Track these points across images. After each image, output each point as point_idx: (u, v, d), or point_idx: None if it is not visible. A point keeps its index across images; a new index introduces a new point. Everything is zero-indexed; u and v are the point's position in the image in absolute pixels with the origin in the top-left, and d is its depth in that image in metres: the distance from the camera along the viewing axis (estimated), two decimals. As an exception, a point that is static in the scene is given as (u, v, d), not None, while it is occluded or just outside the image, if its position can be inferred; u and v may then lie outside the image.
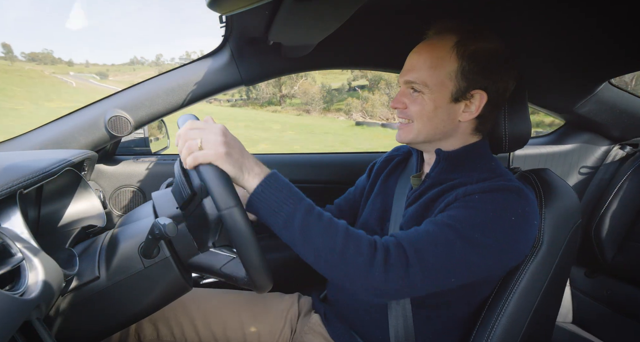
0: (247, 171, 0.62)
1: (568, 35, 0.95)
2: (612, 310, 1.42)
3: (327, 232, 0.62)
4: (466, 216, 0.67)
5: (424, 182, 0.82)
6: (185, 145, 0.61)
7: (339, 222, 0.64)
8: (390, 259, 0.62)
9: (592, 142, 1.52)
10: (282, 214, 0.61)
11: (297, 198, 0.63)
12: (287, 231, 0.62)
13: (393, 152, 1.02)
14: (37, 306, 0.47)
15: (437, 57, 0.74)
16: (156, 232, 0.60)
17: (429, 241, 0.65)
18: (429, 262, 0.63)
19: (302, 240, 0.62)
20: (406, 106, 0.78)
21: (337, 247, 0.61)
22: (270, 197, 0.62)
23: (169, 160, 1.37)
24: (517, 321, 0.74)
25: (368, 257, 0.62)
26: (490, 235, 0.65)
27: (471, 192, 0.70)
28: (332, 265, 0.62)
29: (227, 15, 0.79)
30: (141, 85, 1.15)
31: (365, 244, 0.63)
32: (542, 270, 0.75)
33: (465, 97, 0.74)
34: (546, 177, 0.82)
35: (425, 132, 0.78)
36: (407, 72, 0.77)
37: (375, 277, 0.61)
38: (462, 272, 0.65)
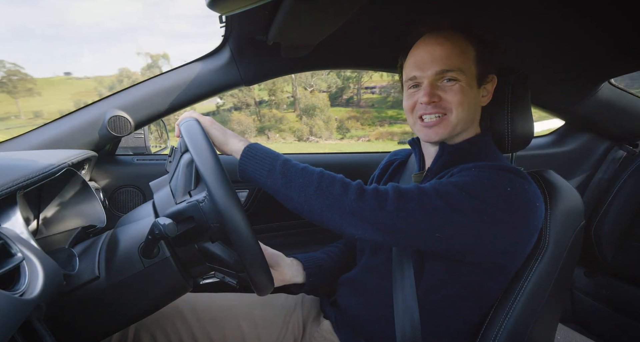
0: (232, 138, 0.76)
1: (568, 35, 0.95)
2: (612, 310, 1.42)
3: (304, 173, 0.70)
4: (459, 180, 0.68)
5: (426, 176, 0.82)
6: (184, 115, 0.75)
7: (317, 168, 0.72)
8: (365, 194, 0.67)
9: (592, 142, 1.52)
10: (266, 164, 0.71)
11: (277, 154, 0.73)
12: (271, 178, 0.70)
13: (391, 156, 1.02)
14: (37, 306, 0.47)
15: (460, 44, 0.75)
16: (156, 232, 0.60)
17: (415, 192, 0.67)
18: (408, 205, 0.65)
19: (283, 183, 0.69)
20: (440, 98, 0.75)
21: (314, 182, 0.68)
22: (255, 154, 0.72)
23: None
24: (524, 322, 0.74)
25: (341, 190, 0.67)
26: (479, 197, 0.65)
27: (468, 167, 0.72)
28: (310, 198, 0.68)
29: (227, 15, 0.79)
30: (141, 85, 1.15)
31: (339, 181, 0.69)
32: (549, 271, 0.75)
33: (485, 81, 0.78)
34: (550, 178, 0.82)
35: (463, 122, 0.77)
36: (434, 62, 0.74)
37: (350, 202, 0.65)
38: (448, 230, 0.65)
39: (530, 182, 0.70)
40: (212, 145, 0.66)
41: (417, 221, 0.64)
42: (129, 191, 1.30)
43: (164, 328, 0.84)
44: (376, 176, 1.01)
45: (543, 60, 1.12)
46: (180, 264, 0.70)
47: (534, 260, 0.75)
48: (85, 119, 1.10)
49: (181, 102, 1.15)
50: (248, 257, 0.60)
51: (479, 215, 0.64)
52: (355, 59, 1.24)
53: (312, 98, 22.16)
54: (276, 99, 22.63)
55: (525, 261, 0.76)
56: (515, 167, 0.73)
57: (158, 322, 0.83)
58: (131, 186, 1.30)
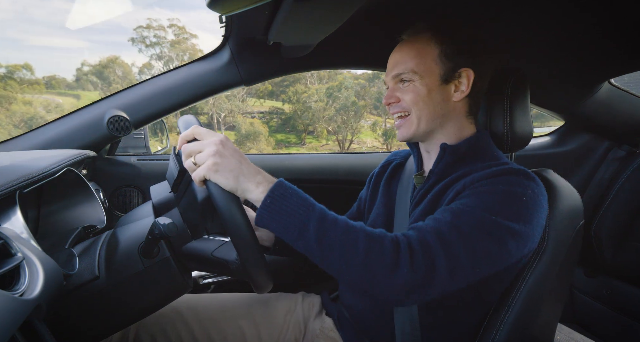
0: (246, 180, 0.60)
1: (568, 35, 0.95)
2: (612, 310, 1.42)
3: (346, 237, 0.58)
4: (478, 201, 0.66)
5: (429, 178, 0.81)
6: (185, 163, 0.62)
7: (356, 224, 0.61)
8: (415, 254, 0.59)
9: (592, 142, 1.52)
10: (295, 223, 0.58)
11: (309, 204, 0.60)
12: (302, 240, 0.58)
13: (390, 157, 1.03)
14: (37, 306, 0.47)
15: (418, 48, 0.79)
16: (156, 232, 0.60)
17: (453, 229, 0.62)
18: (455, 249, 0.61)
19: (319, 249, 0.58)
20: (399, 99, 0.80)
21: (360, 250, 0.58)
22: (280, 207, 0.58)
23: (169, 160, 1.37)
24: (523, 321, 0.74)
25: (393, 256, 0.58)
26: (504, 216, 0.64)
27: (479, 178, 0.70)
28: (355, 270, 0.58)
29: (227, 15, 0.79)
30: (141, 86, 1.15)
31: (388, 242, 0.60)
32: (548, 271, 0.75)
33: (454, 77, 0.79)
34: (550, 177, 0.82)
35: (424, 119, 0.79)
36: (392, 68, 0.81)
37: (403, 275, 0.58)
38: (484, 260, 0.63)
39: (538, 183, 0.70)
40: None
41: (465, 263, 0.61)
42: (129, 191, 1.30)
43: (164, 329, 0.83)
44: (376, 173, 1.01)
45: (543, 60, 1.12)
46: (180, 264, 0.70)
47: (534, 259, 0.75)
48: (85, 119, 1.10)
49: (181, 102, 1.15)
50: (247, 255, 0.60)
51: (510, 236, 0.64)
52: (355, 59, 1.24)
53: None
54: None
55: (525, 263, 0.76)
56: (520, 167, 0.73)
57: (158, 324, 0.83)
58: (131, 186, 1.30)
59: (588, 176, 1.54)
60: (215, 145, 0.60)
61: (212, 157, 0.59)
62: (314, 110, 26.52)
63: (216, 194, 0.59)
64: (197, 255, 0.72)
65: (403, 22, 0.93)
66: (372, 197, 0.98)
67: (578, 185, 1.53)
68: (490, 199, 0.66)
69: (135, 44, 32.06)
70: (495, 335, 0.73)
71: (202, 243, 0.73)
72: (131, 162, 1.32)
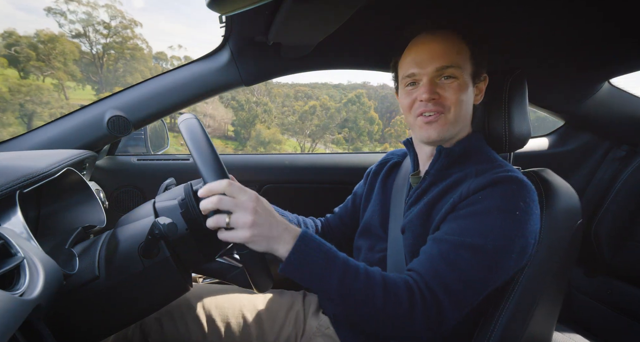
0: (276, 243, 0.61)
1: (568, 35, 0.95)
2: (612, 310, 1.42)
3: (366, 289, 0.62)
4: (473, 224, 0.68)
5: (425, 179, 0.81)
6: (214, 218, 0.60)
7: (375, 274, 0.64)
8: (426, 302, 0.63)
9: (591, 142, 1.52)
10: (318, 277, 0.61)
11: (331, 258, 0.62)
12: (324, 293, 0.62)
13: (388, 155, 1.03)
14: (37, 306, 0.47)
15: (455, 43, 0.76)
16: (156, 232, 0.60)
17: (449, 268, 0.65)
18: (455, 290, 0.64)
19: (340, 300, 0.62)
20: (439, 96, 0.75)
21: (378, 302, 0.61)
22: (303, 264, 0.61)
23: (169, 160, 1.37)
24: (519, 320, 0.74)
25: (409, 306, 0.62)
26: (500, 236, 0.66)
27: (473, 190, 0.70)
28: (374, 320, 0.63)
29: (227, 15, 0.79)
30: (141, 86, 1.15)
31: (403, 292, 0.63)
32: (543, 270, 0.75)
33: (478, 80, 0.79)
34: (547, 177, 0.82)
35: (461, 120, 0.78)
36: (433, 59, 0.74)
37: (418, 323, 0.62)
38: (485, 284, 0.66)
39: (529, 189, 0.70)
40: (212, 144, 0.65)
41: (469, 299, 0.65)
42: (129, 191, 1.30)
43: (171, 313, 0.87)
44: (373, 171, 1.02)
45: (543, 61, 1.12)
46: (180, 264, 0.70)
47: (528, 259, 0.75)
48: (85, 119, 1.10)
49: (181, 102, 1.15)
50: (247, 256, 0.60)
51: (505, 254, 0.66)
52: (355, 59, 1.24)
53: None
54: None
55: None
56: (513, 174, 0.71)
57: (166, 308, 0.86)
58: (131, 186, 1.30)
59: (588, 176, 1.54)
60: (252, 214, 0.59)
61: (250, 229, 0.59)
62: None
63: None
64: (213, 274, 0.74)
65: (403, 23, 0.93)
66: (368, 194, 0.99)
67: (578, 185, 1.53)
68: (483, 222, 0.67)
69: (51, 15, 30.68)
70: (491, 333, 0.73)
71: (215, 265, 0.76)
72: (131, 162, 1.32)
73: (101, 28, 32.05)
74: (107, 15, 32.02)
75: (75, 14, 31.81)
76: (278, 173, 1.42)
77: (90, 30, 31.80)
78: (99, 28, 32.50)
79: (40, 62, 29.65)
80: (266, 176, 1.42)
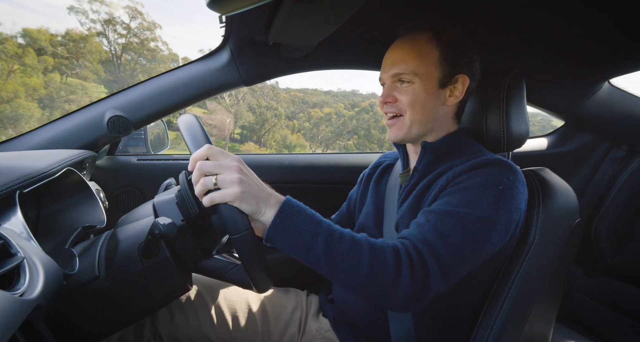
0: (264, 204, 0.61)
1: (568, 35, 0.95)
2: (612, 310, 1.42)
3: (352, 251, 0.62)
4: (459, 198, 0.70)
5: (413, 176, 0.83)
6: (200, 181, 0.60)
7: (361, 238, 0.64)
8: (414, 264, 0.63)
9: (591, 143, 1.52)
10: (304, 241, 0.61)
11: (315, 222, 0.62)
12: (310, 256, 0.61)
13: (381, 158, 1.04)
14: (37, 306, 0.47)
15: (420, 47, 0.78)
16: (156, 232, 0.60)
17: (436, 235, 0.66)
18: (443, 256, 0.64)
19: (327, 263, 0.61)
20: (396, 99, 0.80)
21: (364, 265, 0.61)
22: (288, 227, 0.61)
23: (169, 160, 1.37)
24: (516, 318, 0.74)
25: (395, 268, 0.62)
26: (484, 207, 0.67)
27: (459, 172, 0.73)
28: (361, 282, 0.62)
29: (227, 15, 0.79)
30: (141, 86, 1.15)
31: (390, 253, 0.63)
32: (540, 268, 0.75)
33: (450, 82, 0.79)
34: (544, 175, 0.82)
35: (418, 123, 0.79)
36: (393, 66, 0.79)
37: (405, 285, 0.62)
38: (471, 253, 0.66)
39: (514, 170, 0.73)
40: (208, 136, 0.65)
41: (456, 267, 0.65)
42: (129, 191, 1.30)
43: (182, 304, 0.86)
44: (366, 174, 1.04)
45: (543, 60, 1.12)
46: (180, 264, 0.70)
47: (522, 256, 0.75)
48: (85, 119, 1.10)
49: (181, 102, 1.15)
50: (247, 255, 0.60)
51: (491, 227, 0.67)
52: (355, 59, 1.24)
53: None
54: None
55: (513, 258, 0.77)
56: (497, 157, 0.75)
57: (165, 308, 0.85)
58: (131, 186, 1.30)
59: (588, 175, 1.54)
60: (237, 172, 0.60)
61: (239, 185, 0.59)
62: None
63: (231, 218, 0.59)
64: (211, 272, 0.73)
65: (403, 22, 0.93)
66: (362, 197, 1.00)
67: (578, 185, 1.53)
68: (468, 195, 0.69)
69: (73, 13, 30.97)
70: (490, 331, 0.73)
71: (213, 263, 0.76)
72: (131, 162, 1.32)
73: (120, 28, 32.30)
74: (127, 16, 32.24)
75: (98, 13, 32.01)
76: (278, 173, 1.41)
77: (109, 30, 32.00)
78: (118, 28, 32.70)
79: (66, 60, 29.95)
80: (266, 176, 1.41)
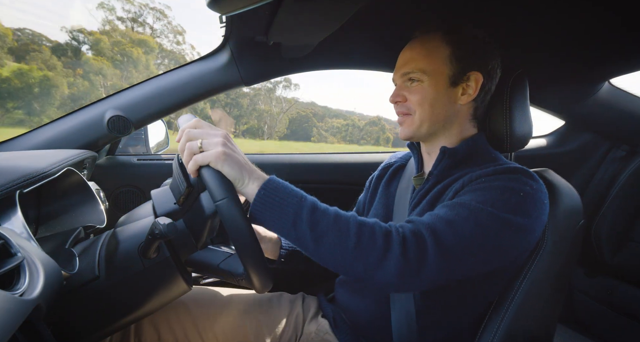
0: (247, 174, 0.60)
1: (568, 35, 0.95)
2: (612, 310, 1.42)
3: (338, 224, 0.59)
4: (474, 196, 0.66)
5: (428, 180, 0.81)
6: (186, 145, 0.61)
7: (348, 213, 0.62)
8: (407, 243, 0.60)
9: (591, 143, 1.52)
10: (289, 214, 0.59)
11: (300, 196, 0.61)
12: (296, 231, 0.59)
13: (390, 159, 1.02)
14: (37, 306, 0.47)
15: (429, 47, 0.78)
16: (156, 232, 0.60)
17: (443, 222, 0.63)
18: (446, 244, 0.61)
19: (312, 237, 0.59)
20: (406, 98, 0.80)
21: (351, 238, 0.59)
22: (273, 200, 0.60)
23: (169, 160, 1.37)
24: (522, 321, 0.74)
25: (384, 244, 0.59)
26: (501, 208, 0.64)
27: (477, 176, 0.71)
28: (347, 258, 0.59)
29: (227, 15, 0.79)
30: (141, 86, 1.15)
31: (379, 231, 0.61)
32: (547, 270, 0.75)
33: (462, 80, 0.78)
34: (549, 177, 0.81)
35: (428, 121, 0.78)
36: (402, 66, 0.80)
37: (395, 258, 0.59)
38: (477, 248, 0.62)
39: (537, 180, 0.70)
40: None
41: (458, 258, 0.62)
42: (129, 191, 1.30)
43: (167, 320, 0.84)
44: (375, 176, 1.01)
45: (543, 60, 1.12)
46: (180, 264, 0.70)
47: (532, 259, 0.75)
48: (85, 119, 1.10)
49: (181, 102, 1.15)
50: (246, 255, 0.60)
51: (506, 228, 0.63)
52: (355, 59, 1.24)
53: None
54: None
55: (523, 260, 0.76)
56: (519, 166, 0.73)
57: (162, 315, 0.84)
58: (131, 186, 1.30)
59: (588, 176, 1.54)
60: (223, 138, 0.60)
61: (222, 147, 0.59)
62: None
63: (213, 183, 0.58)
64: (204, 265, 0.73)
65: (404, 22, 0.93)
66: (371, 199, 0.98)
67: (578, 185, 1.53)
68: (486, 194, 0.66)
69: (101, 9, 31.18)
70: (494, 335, 0.73)
71: (208, 253, 0.74)
72: (131, 162, 1.32)
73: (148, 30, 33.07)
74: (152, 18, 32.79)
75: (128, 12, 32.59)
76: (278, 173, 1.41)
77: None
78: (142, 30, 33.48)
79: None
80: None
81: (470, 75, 0.77)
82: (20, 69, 28.10)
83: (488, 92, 0.82)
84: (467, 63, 0.77)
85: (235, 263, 0.72)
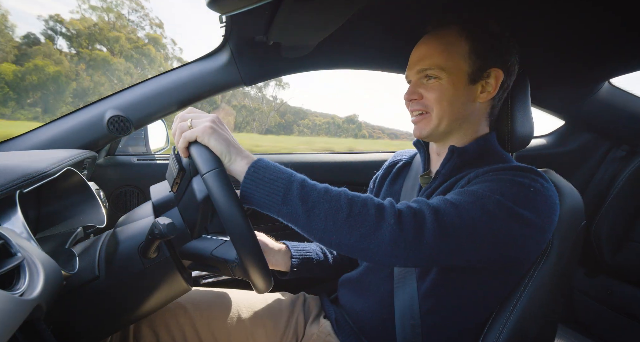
0: (235, 151, 0.61)
1: (569, 35, 0.95)
2: (612, 310, 1.42)
3: (329, 196, 0.59)
4: (484, 186, 0.65)
5: (435, 179, 0.80)
6: (178, 126, 0.64)
7: (338, 188, 0.62)
8: (402, 217, 0.59)
9: (591, 142, 1.52)
10: (279, 188, 0.58)
11: (290, 173, 0.61)
12: (287, 205, 0.58)
13: (396, 157, 1.01)
14: (37, 306, 0.47)
15: (447, 42, 0.74)
16: (156, 232, 0.60)
17: (450, 204, 0.62)
18: (447, 223, 0.59)
19: (304, 210, 0.58)
20: (422, 96, 0.77)
21: (343, 209, 0.58)
22: (263, 176, 0.59)
23: (169, 160, 1.36)
24: (526, 322, 0.73)
25: (377, 213, 0.58)
26: (510, 199, 0.62)
27: (484, 172, 0.69)
28: (340, 229, 0.58)
29: (227, 15, 0.79)
30: (141, 85, 1.15)
31: (371, 203, 0.60)
32: (551, 271, 0.74)
33: (482, 76, 0.75)
34: (552, 178, 0.81)
35: (446, 120, 0.76)
36: (418, 62, 0.77)
37: (389, 233, 0.58)
38: (483, 239, 0.61)
39: (548, 180, 0.69)
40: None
41: (459, 237, 0.60)
42: (129, 191, 1.30)
43: (166, 323, 0.83)
44: (380, 176, 1.00)
45: (543, 60, 1.12)
46: (180, 264, 0.70)
47: (538, 260, 0.74)
48: (85, 119, 1.10)
49: (181, 102, 1.15)
50: (247, 256, 0.60)
51: (513, 218, 0.62)
52: (355, 59, 1.24)
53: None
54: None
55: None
56: (529, 166, 0.71)
57: (160, 318, 0.83)
58: (131, 186, 1.30)
59: (588, 176, 1.54)
60: (212, 118, 0.63)
61: (209, 122, 0.61)
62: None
63: (201, 157, 0.59)
64: (196, 254, 0.71)
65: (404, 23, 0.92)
66: (376, 195, 0.97)
67: (578, 185, 1.53)
68: (494, 185, 0.65)
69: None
70: (498, 336, 0.72)
71: (201, 242, 0.73)
72: (131, 162, 1.32)
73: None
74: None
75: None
76: None
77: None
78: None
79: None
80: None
81: (490, 72, 0.75)
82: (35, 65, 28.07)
83: (506, 90, 0.79)
84: (487, 59, 0.74)
85: (228, 249, 0.71)
